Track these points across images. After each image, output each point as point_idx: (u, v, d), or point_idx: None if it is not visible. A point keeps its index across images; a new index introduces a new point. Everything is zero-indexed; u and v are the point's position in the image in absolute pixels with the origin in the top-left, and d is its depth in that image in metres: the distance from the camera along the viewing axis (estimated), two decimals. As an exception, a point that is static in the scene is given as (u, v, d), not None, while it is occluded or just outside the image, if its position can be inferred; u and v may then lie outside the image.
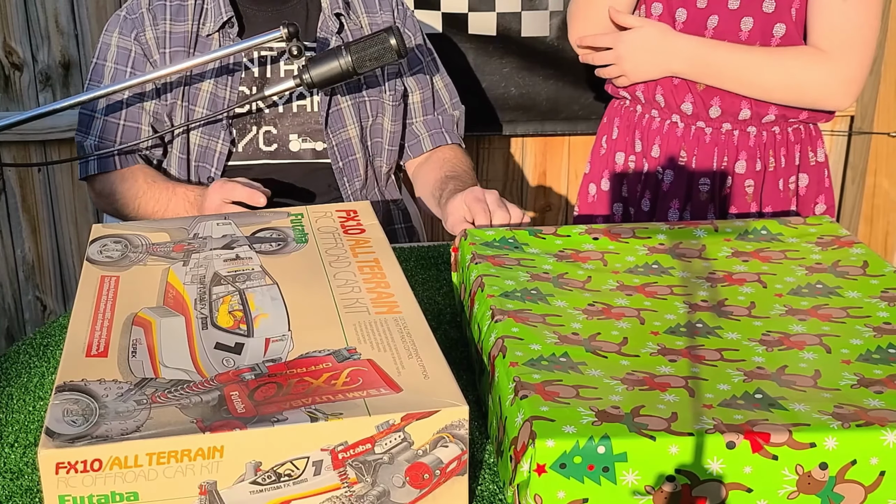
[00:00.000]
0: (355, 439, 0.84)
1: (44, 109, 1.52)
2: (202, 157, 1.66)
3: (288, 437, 0.82)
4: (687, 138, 1.68)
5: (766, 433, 0.83)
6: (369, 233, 1.23)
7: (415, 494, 0.87)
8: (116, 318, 1.00)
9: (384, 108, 1.73)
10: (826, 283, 1.13)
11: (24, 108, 2.33)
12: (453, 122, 1.81)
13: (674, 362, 0.96)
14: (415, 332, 0.98)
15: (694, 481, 0.83)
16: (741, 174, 1.67)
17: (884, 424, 0.84)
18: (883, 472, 0.84)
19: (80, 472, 0.79)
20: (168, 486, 0.81)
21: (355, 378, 0.90)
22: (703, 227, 1.27)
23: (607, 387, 0.91)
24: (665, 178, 1.70)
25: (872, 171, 2.56)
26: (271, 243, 1.18)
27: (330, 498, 0.85)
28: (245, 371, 0.91)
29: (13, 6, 2.26)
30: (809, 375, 0.93)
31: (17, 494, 0.94)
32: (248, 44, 1.54)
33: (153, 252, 1.15)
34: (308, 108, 1.68)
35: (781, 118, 1.64)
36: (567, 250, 1.21)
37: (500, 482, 0.94)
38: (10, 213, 2.43)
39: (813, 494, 0.84)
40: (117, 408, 0.84)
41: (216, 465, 0.81)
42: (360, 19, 1.73)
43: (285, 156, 1.68)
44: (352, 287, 1.08)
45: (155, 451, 0.80)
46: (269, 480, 0.83)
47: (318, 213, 1.27)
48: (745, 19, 1.60)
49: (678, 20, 1.64)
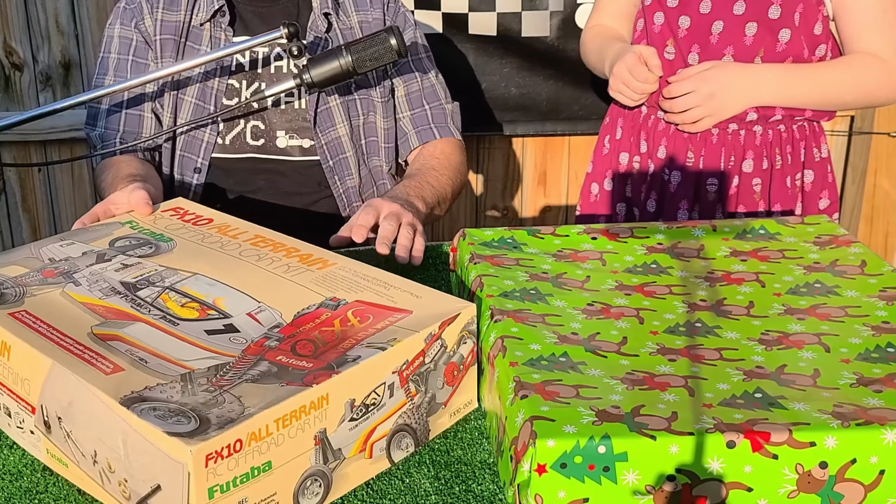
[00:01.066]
0: (412, 356, 0.95)
1: (44, 109, 1.52)
2: (188, 147, 1.67)
3: (369, 370, 0.91)
4: (694, 139, 1.68)
5: (766, 432, 0.83)
6: (218, 219, 1.24)
7: (449, 391, 1.01)
8: (79, 340, 0.95)
9: (374, 105, 1.72)
10: (824, 282, 1.13)
11: (25, 108, 2.33)
12: (445, 116, 1.78)
13: (673, 362, 0.96)
14: (367, 272, 1.08)
15: (694, 481, 0.83)
16: (748, 173, 1.67)
17: (883, 423, 0.84)
18: (883, 471, 0.84)
19: (226, 457, 0.81)
20: (292, 447, 0.86)
21: (364, 316, 0.98)
22: (701, 226, 1.27)
23: (607, 386, 0.91)
24: (672, 179, 1.71)
25: (872, 171, 2.56)
26: (142, 248, 1.16)
27: (400, 415, 0.95)
28: (263, 341, 0.94)
29: (13, 6, 2.26)
30: (809, 374, 0.94)
31: (17, 496, 0.94)
32: (249, 43, 1.54)
33: (24, 283, 1.06)
34: (296, 106, 1.68)
35: (787, 117, 1.65)
36: (566, 250, 1.21)
37: (501, 482, 0.94)
38: (10, 213, 2.43)
39: (813, 493, 0.84)
40: (197, 401, 0.85)
41: (324, 413, 0.88)
42: (351, 18, 1.73)
43: (272, 151, 1.68)
44: (269, 258, 1.11)
45: (281, 415, 0.84)
46: (361, 414, 0.91)
47: (150, 218, 1.26)
48: (750, 24, 1.60)
49: (681, 27, 1.64)
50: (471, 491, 0.93)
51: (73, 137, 2.32)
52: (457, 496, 0.92)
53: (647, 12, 1.69)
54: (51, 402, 0.92)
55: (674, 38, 1.66)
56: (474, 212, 2.56)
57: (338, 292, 1.04)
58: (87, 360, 0.91)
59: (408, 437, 0.97)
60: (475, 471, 0.96)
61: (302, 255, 1.13)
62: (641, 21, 1.73)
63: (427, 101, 1.78)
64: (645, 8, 1.70)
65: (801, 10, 1.60)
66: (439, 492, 0.93)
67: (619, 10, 1.79)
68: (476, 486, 0.94)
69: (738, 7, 1.61)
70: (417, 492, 0.93)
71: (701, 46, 1.64)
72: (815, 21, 1.62)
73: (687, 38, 1.64)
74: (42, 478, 0.96)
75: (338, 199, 1.71)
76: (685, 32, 1.64)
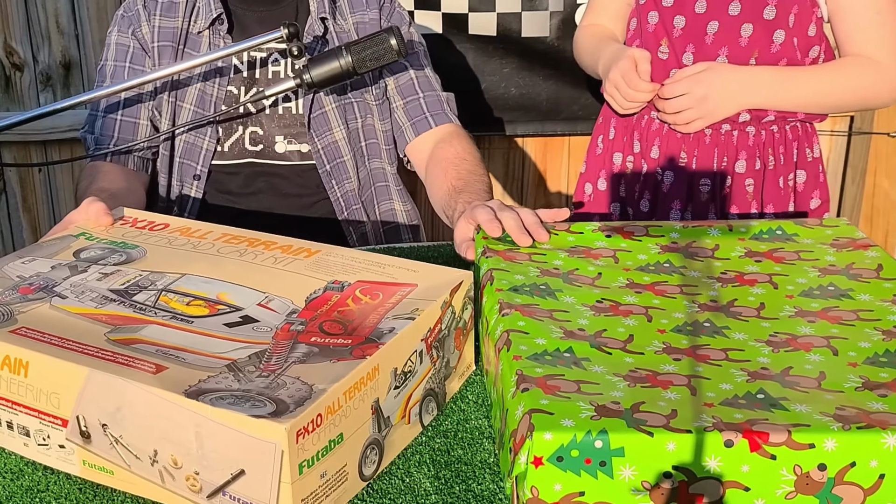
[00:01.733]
0: (433, 323, 1.01)
1: (44, 110, 1.52)
2: (187, 154, 1.67)
3: (405, 339, 0.97)
4: (687, 139, 1.67)
5: (764, 433, 0.83)
6: (174, 223, 1.26)
7: (458, 356, 1.09)
8: (102, 347, 0.94)
9: (370, 108, 1.71)
10: (838, 285, 1.13)
11: (25, 108, 2.33)
12: (441, 103, 1.73)
13: (678, 361, 0.96)
14: (354, 255, 1.13)
15: (691, 478, 0.83)
16: (741, 174, 1.66)
17: (885, 427, 0.84)
18: (882, 475, 0.84)
19: (310, 432, 0.84)
20: (356, 418, 0.91)
21: (374, 294, 1.04)
22: (717, 226, 1.27)
23: (609, 383, 0.91)
24: (665, 179, 1.70)
25: (872, 171, 2.55)
26: (111, 256, 1.16)
27: (427, 380, 1.02)
28: (288, 326, 0.98)
29: (14, 6, 2.26)
30: (814, 377, 0.93)
31: (18, 494, 0.94)
32: (249, 44, 1.54)
33: (5, 303, 1.04)
34: (293, 111, 1.68)
35: (780, 118, 1.64)
36: (579, 247, 1.22)
37: (501, 475, 0.94)
38: (11, 213, 2.44)
39: (811, 495, 0.84)
40: (259, 386, 0.87)
41: (375, 383, 0.93)
42: (347, 21, 1.71)
43: (271, 157, 1.68)
44: (251, 253, 1.14)
45: (347, 387, 0.88)
46: (401, 382, 0.97)
47: (101, 229, 1.24)
48: (746, 25, 1.59)
49: (676, 27, 1.63)
50: (471, 491, 0.93)
51: (74, 137, 2.32)
52: (457, 496, 0.93)
53: (641, 11, 1.68)
54: (91, 411, 0.92)
55: (668, 37, 1.65)
56: None
57: (336, 276, 1.07)
58: (125, 364, 0.91)
59: (433, 401, 1.04)
60: (475, 471, 0.96)
61: (283, 247, 1.16)
62: (635, 20, 1.72)
63: (421, 89, 1.73)
64: (639, 7, 1.69)
65: (796, 11, 1.59)
66: (439, 492, 0.93)
67: (614, 9, 1.78)
68: (476, 486, 0.94)
69: (734, 7, 1.60)
70: (417, 492, 0.94)
71: (696, 47, 1.63)
72: (810, 23, 1.61)
73: (682, 37, 1.63)
74: (43, 477, 0.97)
75: (335, 202, 1.71)
76: (680, 32, 1.63)
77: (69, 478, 0.96)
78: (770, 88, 1.60)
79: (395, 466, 0.97)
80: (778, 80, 1.60)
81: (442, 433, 1.02)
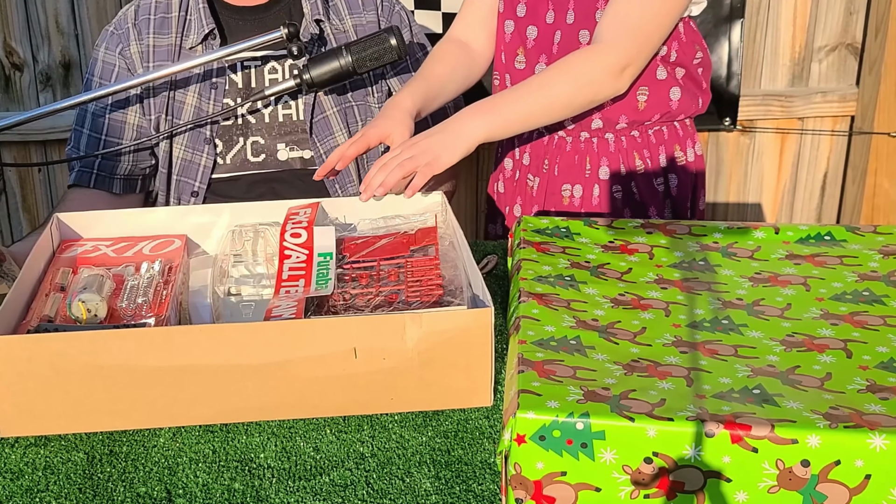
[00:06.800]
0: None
1: (44, 109, 1.50)
2: (184, 172, 1.65)
3: None
4: (550, 147, 1.62)
5: (747, 425, 0.84)
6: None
7: None
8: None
9: (372, 111, 1.68)
10: (874, 290, 1.11)
11: (25, 108, 2.31)
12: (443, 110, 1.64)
13: (684, 353, 0.97)
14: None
15: (672, 466, 0.85)
16: (605, 180, 1.59)
17: (874, 428, 0.83)
18: (869, 476, 0.83)
19: None
20: None
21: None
22: (763, 228, 1.26)
23: (607, 371, 0.93)
24: (533, 185, 1.66)
25: (873, 171, 2.50)
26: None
27: None
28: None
29: (13, 6, 2.25)
30: (819, 377, 0.93)
31: (18, 494, 0.96)
32: (249, 44, 1.53)
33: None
34: (294, 117, 1.66)
35: (634, 123, 1.56)
36: (617, 241, 1.24)
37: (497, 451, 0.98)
38: (11, 213, 2.41)
39: (794, 491, 0.85)
40: None
41: None
42: (345, 22, 1.69)
43: (273, 166, 1.65)
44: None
45: None
46: None
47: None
48: (583, 32, 1.52)
49: (529, 37, 1.58)
50: (471, 491, 0.95)
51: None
52: (457, 496, 0.94)
53: (499, 20, 1.62)
54: None
55: (523, 47, 1.60)
56: (475, 212, 2.53)
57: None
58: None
59: None
60: (475, 471, 0.98)
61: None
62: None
63: None
64: (499, 15, 1.62)
65: None
66: (439, 492, 0.95)
67: (479, 17, 1.68)
68: (476, 486, 0.96)
69: (570, 16, 1.53)
70: (417, 492, 0.95)
71: (548, 57, 1.56)
72: None
73: (535, 48, 1.57)
74: (43, 476, 0.98)
75: None
76: (533, 43, 1.58)
77: (69, 478, 0.98)
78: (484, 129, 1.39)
79: (395, 466, 0.99)
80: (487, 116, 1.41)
81: (442, 433, 1.03)
